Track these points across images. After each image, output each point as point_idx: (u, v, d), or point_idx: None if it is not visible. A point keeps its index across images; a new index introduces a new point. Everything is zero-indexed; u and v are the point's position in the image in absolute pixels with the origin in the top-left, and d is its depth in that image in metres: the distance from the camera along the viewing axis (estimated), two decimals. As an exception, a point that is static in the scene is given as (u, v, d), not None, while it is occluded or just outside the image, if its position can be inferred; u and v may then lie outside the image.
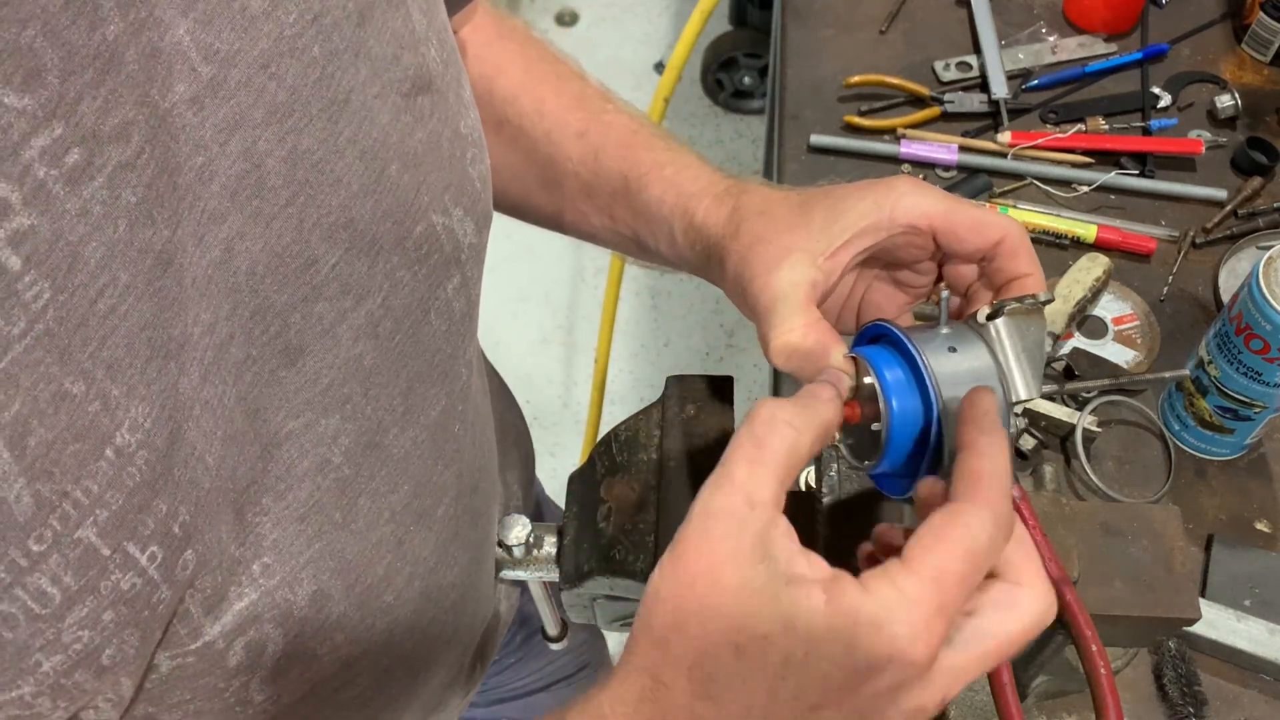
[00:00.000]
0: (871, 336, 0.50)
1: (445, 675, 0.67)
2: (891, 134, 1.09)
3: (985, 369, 0.46)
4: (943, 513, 0.40)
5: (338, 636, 0.51)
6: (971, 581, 0.39)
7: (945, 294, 0.48)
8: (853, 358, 0.49)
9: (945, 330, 0.47)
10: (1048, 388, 0.88)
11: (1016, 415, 0.45)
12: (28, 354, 0.33)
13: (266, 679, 0.48)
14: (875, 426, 0.47)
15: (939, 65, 1.14)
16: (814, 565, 0.39)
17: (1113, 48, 1.16)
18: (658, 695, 0.39)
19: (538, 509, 0.92)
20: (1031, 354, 0.46)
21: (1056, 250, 1.01)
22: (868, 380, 0.47)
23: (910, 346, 0.47)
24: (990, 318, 0.47)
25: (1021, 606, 0.41)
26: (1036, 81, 1.12)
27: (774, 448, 0.41)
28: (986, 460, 0.41)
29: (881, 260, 0.56)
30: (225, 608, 0.43)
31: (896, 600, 0.37)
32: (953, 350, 0.46)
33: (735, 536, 0.39)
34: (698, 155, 0.63)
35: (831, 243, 0.52)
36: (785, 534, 0.40)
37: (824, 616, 0.37)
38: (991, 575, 0.41)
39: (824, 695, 0.38)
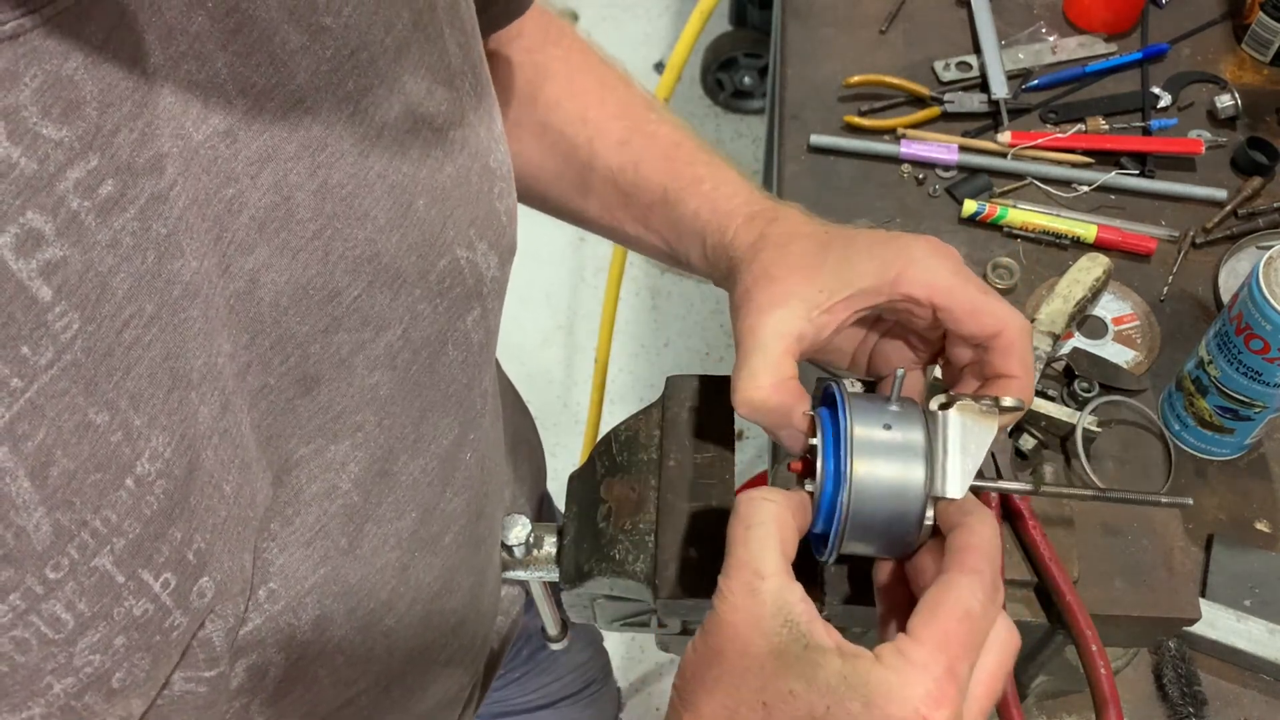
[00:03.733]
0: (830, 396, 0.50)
1: (445, 694, 0.67)
2: (891, 134, 1.09)
3: (911, 454, 0.46)
4: (935, 585, 0.42)
5: (338, 659, 0.51)
6: (973, 642, 0.41)
7: (900, 372, 0.47)
8: (810, 416, 0.50)
9: (894, 407, 0.47)
10: (1049, 390, 0.88)
11: (932, 507, 0.46)
12: (54, 384, 0.33)
13: (267, 700, 0.48)
14: (809, 488, 0.47)
15: (939, 65, 1.14)
16: (830, 633, 0.42)
17: (1113, 48, 1.16)
18: None
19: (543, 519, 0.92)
20: (971, 454, 0.46)
21: (1056, 250, 1.01)
22: (813, 441, 0.48)
23: (841, 414, 0.47)
24: (943, 407, 0.47)
25: (995, 640, 0.43)
26: (1036, 81, 1.12)
27: (760, 520, 0.44)
28: (972, 535, 0.44)
29: (890, 319, 0.56)
30: (235, 632, 0.44)
31: (906, 667, 0.40)
32: (888, 427, 0.46)
33: (755, 606, 0.42)
34: (738, 171, 0.63)
35: (831, 296, 0.52)
36: (802, 600, 0.43)
37: (843, 678, 0.40)
38: None
39: None
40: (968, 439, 0.46)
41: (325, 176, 0.41)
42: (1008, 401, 0.48)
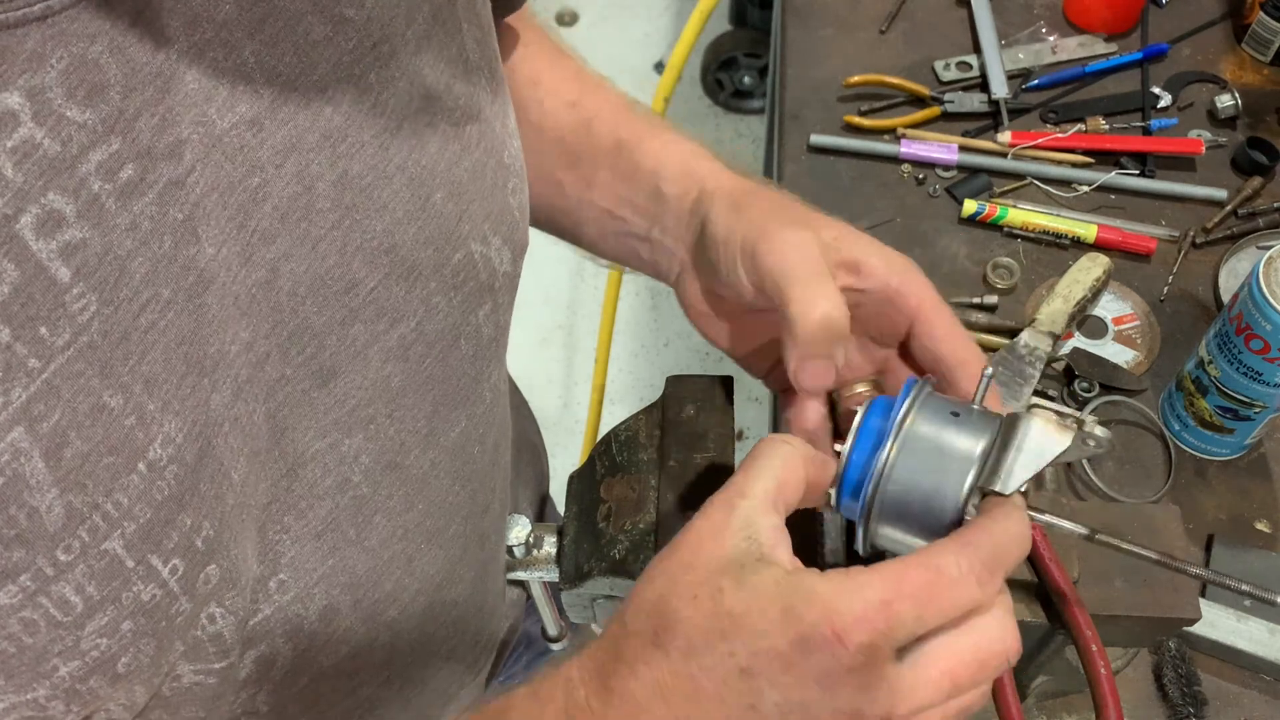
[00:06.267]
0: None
1: (445, 690, 0.67)
2: (891, 134, 1.09)
3: (965, 449, 0.43)
4: (924, 547, 0.40)
5: (343, 649, 0.51)
6: (929, 597, 0.38)
7: (989, 372, 0.45)
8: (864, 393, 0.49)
9: (977, 407, 0.45)
10: (1049, 390, 0.88)
11: (978, 500, 0.43)
12: (70, 365, 0.33)
13: (273, 691, 0.49)
14: (838, 447, 0.45)
15: (939, 65, 1.14)
16: (793, 561, 0.40)
17: (1113, 47, 1.16)
18: (618, 640, 0.40)
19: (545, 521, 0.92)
20: (1034, 458, 0.43)
21: (1056, 250, 1.01)
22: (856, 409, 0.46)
23: (903, 398, 0.44)
24: (1029, 409, 0.44)
25: (972, 623, 0.40)
26: (1036, 81, 1.12)
27: (769, 455, 0.43)
28: (993, 523, 0.40)
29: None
30: (244, 625, 0.44)
31: (843, 584, 0.37)
32: (955, 415, 0.44)
33: (724, 518, 0.41)
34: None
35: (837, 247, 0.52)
36: (775, 528, 0.41)
37: (775, 584, 0.38)
38: None
39: (755, 659, 0.37)
40: (1039, 444, 0.43)
41: (345, 167, 0.42)
42: (1097, 431, 0.43)
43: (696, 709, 0.38)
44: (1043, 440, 0.44)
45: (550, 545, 0.65)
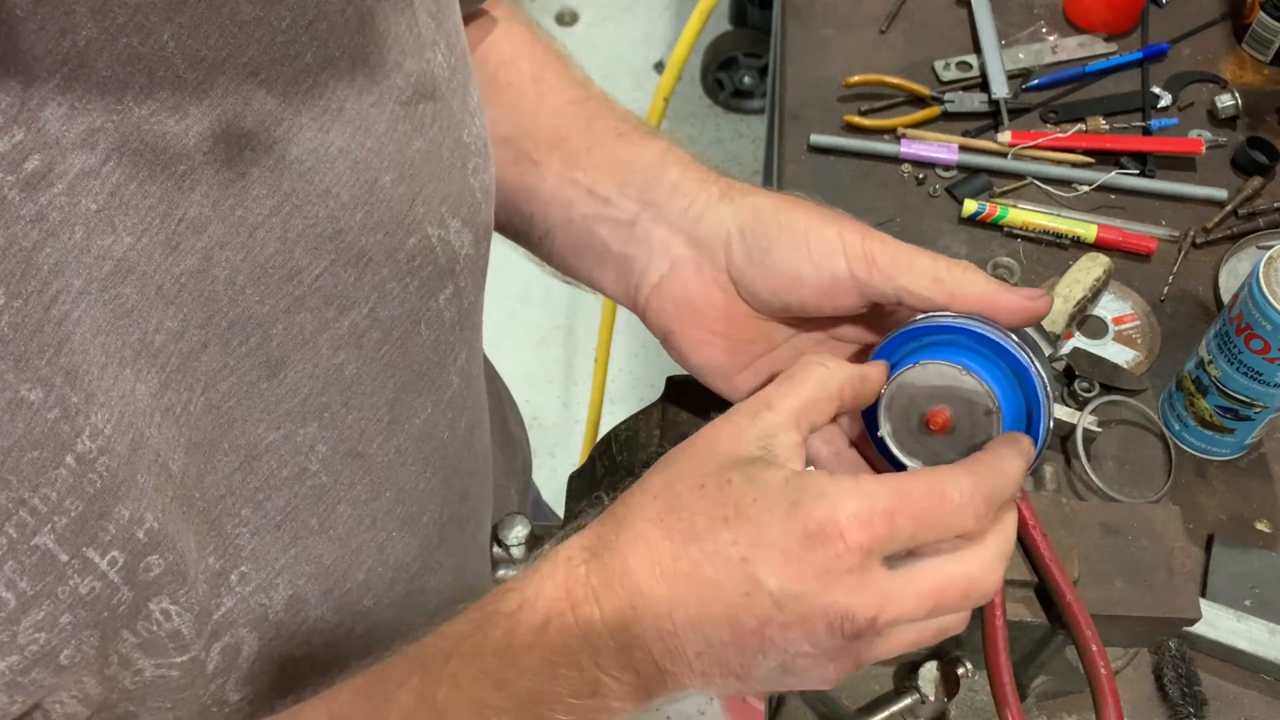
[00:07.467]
0: (935, 334, 0.49)
1: None
2: (892, 134, 1.09)
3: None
4: (930, 468, 0.42)
5: (315, 640, 0.51)
6: (930, 516, 0.40)
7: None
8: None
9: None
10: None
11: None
12: None
13: (242, 680, 0.48)
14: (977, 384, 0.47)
15: (939, 65, 1.14)
16: (804, 468, 0.42)
17: (1113, 47, 1.16)
18: (620, 521, 0.42)
19: (533, 514, 0.92)
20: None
21: (1056, 250, 1.01)
22: (964, 383, 0.47)
23: (1018, 350, 0.47)
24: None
25: (964, 555, 0.42)
26: (1037, 81, 1.12)
27: (803, 377, 0.44)
28: (999, 460, 0.43)
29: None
30: (206, 619, 0.44)
31: (851, 487, 0.39)
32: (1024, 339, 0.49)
33: (746, 424, 0.42)
34: None
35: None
36: (795, 444, 0.42)
37: (784, 481, 0.40)
38: None
39: (756, 550, 0.39)
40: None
41: (282, 152, 0.40)
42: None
43: (694, 592, 0.39)
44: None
45: (550, 545, 0.65)
